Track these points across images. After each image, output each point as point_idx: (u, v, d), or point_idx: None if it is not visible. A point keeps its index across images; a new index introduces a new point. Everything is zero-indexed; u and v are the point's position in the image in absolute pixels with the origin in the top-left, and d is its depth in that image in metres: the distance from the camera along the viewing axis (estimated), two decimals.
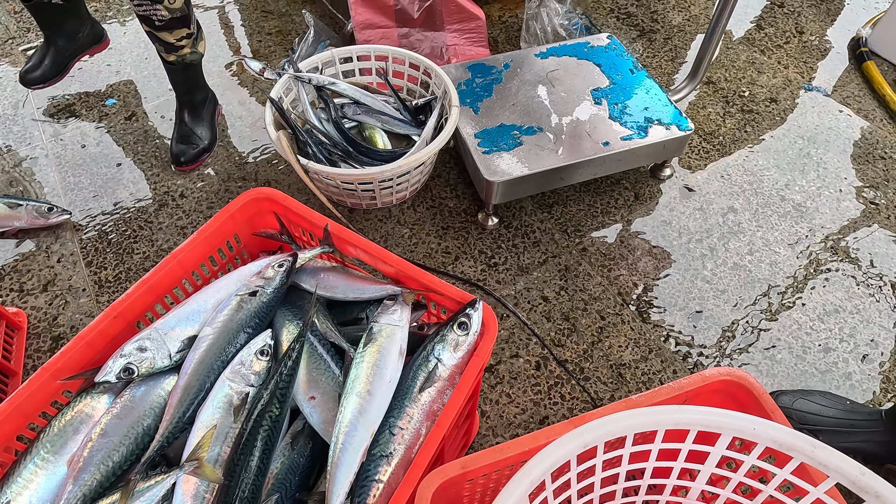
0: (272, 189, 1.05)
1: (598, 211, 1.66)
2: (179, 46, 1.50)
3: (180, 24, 1.45)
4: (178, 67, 1.57)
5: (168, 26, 1.43)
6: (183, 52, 1.52)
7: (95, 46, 1.93)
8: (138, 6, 1.38)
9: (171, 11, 1.40)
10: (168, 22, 1.42)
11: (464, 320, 0.89)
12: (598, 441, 0.73)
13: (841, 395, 1.28)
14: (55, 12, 1.73)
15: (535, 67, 1.75)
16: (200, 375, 0.89)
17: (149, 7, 1.37)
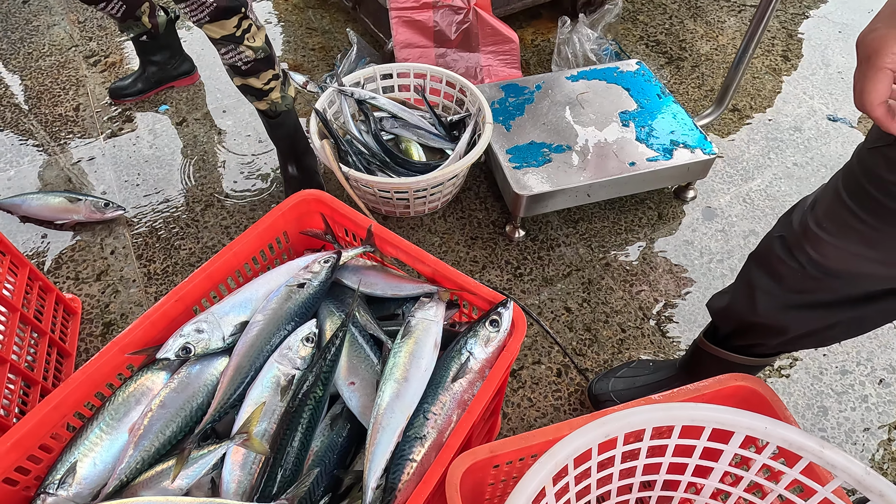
0: (321, 191, 1.14)
1: (622, 228, 1.72)
2: (269, 90, 1.50)
3: (265, 65, 1.46)
4: (275, 120, 1.58)
5: (254, 70, 1.44)
6: (272, 97, 1.52)
7: (182, 79, 2.08)
8: (225, 53, 1.41)
9: (254, 51, 1.40)
10: (254, 65, 1.42)
11: (495, 318, 0.95)
12: (619, 432, 0.79)
13: (643, 360, 1.38)
14: (148, 45, 1.93)
15: (565, 89, 1.83)
16: (251, 357, 0.97)
17: (233, 51, 1.39)
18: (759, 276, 0.97)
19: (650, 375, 1.31)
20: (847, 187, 0.79)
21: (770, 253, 0.94)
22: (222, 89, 2.08)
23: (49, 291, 1.41)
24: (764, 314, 0.97)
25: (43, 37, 2.28)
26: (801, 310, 0.93)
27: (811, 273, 0.87)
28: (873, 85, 0.58)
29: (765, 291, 0.96)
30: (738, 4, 2.50)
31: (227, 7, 1.28)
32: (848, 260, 0.82)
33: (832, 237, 0.82)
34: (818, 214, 0.85)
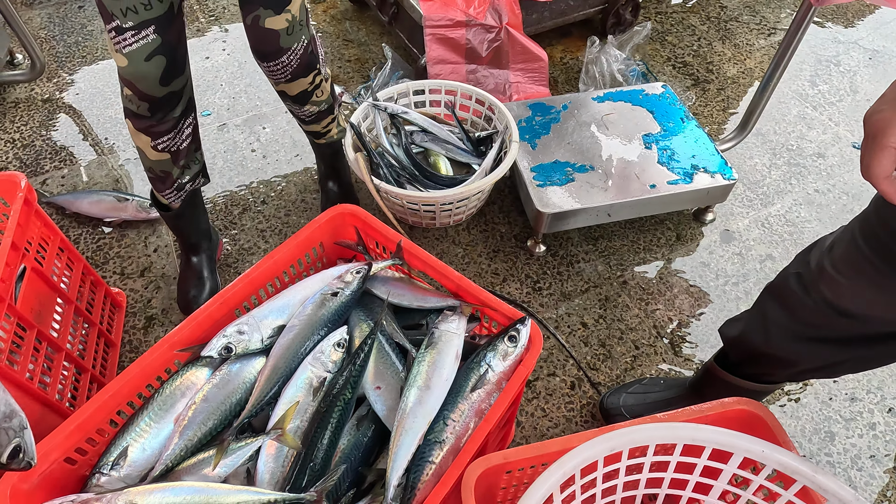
0: (356, 206, 1.22)
1: (640, 247, 1.77)
2: (326, 132, 1.60)
3: (328, 114, 1.53)
4: (325, 146, 1.67)
5: (316, 120, 1.52)
6: (330, 136, 1.62)
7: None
8: (291, 107, 1.47)
9: (318, 105, 1.46)
10: (316, 116, 1.50)
11: (513, 333, 1.02)
12: (624, 447, 0.85)
13: (654, 377, 1.43)
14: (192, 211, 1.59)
15: (591, 110, 1.89)
16: (287, 359, 1.05)
17: (299, 108, 1.46)
18: (774, 308, 1.02)
19: (660, 393, 1.36)
20: (863, 233, 0.84)
21: (786, 288, 0.99)
22: (262, 97, 2.18)
23: (99, 286, 1.52)
24: (776, 346, 1.01)
25: (97, 41, 2.41)
26: (812, 344, 0.97)
27: (825, 311, 0.92)
28: (878, 161, 0.62)
29: (778, 324, 1.00)
30: (768, 27, 2.52)
31: (307, 63, 1.33)
32: (861, 302, 0.87)
33: (847, 280, 0.87)
34: (835, 257, 0.89)
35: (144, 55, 1.11)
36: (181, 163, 1.36)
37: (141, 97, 1.18)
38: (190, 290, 1.56)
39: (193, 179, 1.43)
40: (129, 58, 1.11)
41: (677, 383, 1.37)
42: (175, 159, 1.33)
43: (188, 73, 1.24)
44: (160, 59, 1.12)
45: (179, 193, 1.42)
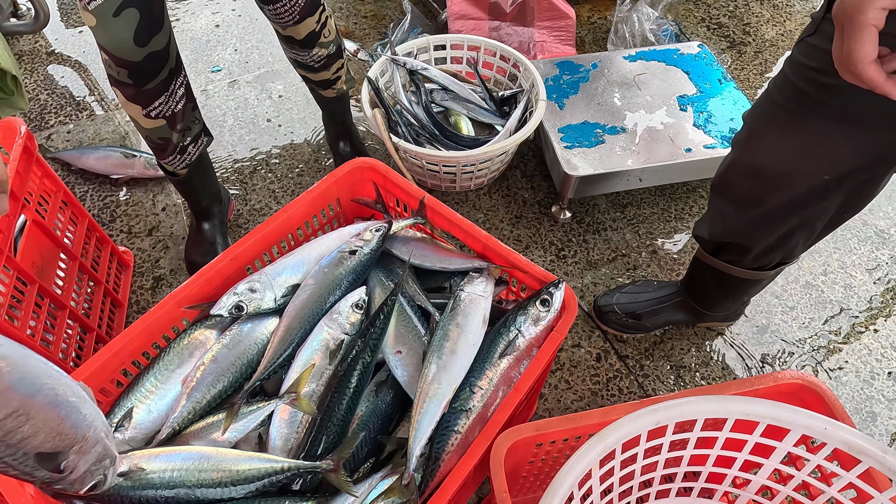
0: (375, 160, 1.13)
1: (671, 216, 1.68)
2: (336, 79, 1.47)
3: (337, 57, 1.41)
4: (335, 99, 1.55)
5: (325, 66, 1.40)
6: (340, 84, 1.50)
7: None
8: (295, 54, 1.36)
9: (326, 47, 1.35)
10: (326, 61, 1.39)
11: (546, 297, 0.94)
12: (671, 420, 0.77)
13: (648, 279, 1.50)
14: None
15: (622, 69, 1.77)
16: (301, 319, 0.98)
17: (305, 55, 1.35)
18: (719, 201, 1.09)
19: (653, 292, 1.40)
20: (774, 83, 0.89)
21: (723, 176, 1.06)
22: (274, 53, 2.08)
23: (105, 243, 1.45)
24: (732, 234, 1.09)
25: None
26: (755, 225, 1.03)
27: (753, 182, 0.97)
28: (860, 45, 0.56)
29: (726, 214, 1.07)
30: None
31: (313, 1, 1.24)
32: (774, 153, 0.91)
33: (760, 130, 0.93)
34: (750, 115, 0.97)
35: (112, 9, 0.98)
36: (179, 126, 1.26)
37: (118, 63, 1.07)
38: (200, 253, 1.49)
39: (195, 140, 1.34)
40: (96, 15, 0.99)
41: (669, 284, 1.41)
42: (171, 124, 1.24)
43: (168, 29, 1.11)
44: (132, 12, 1.00)
45: (183, 158, 1.33)
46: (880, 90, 0.57)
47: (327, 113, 1.65)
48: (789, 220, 0.99)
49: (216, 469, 0.83)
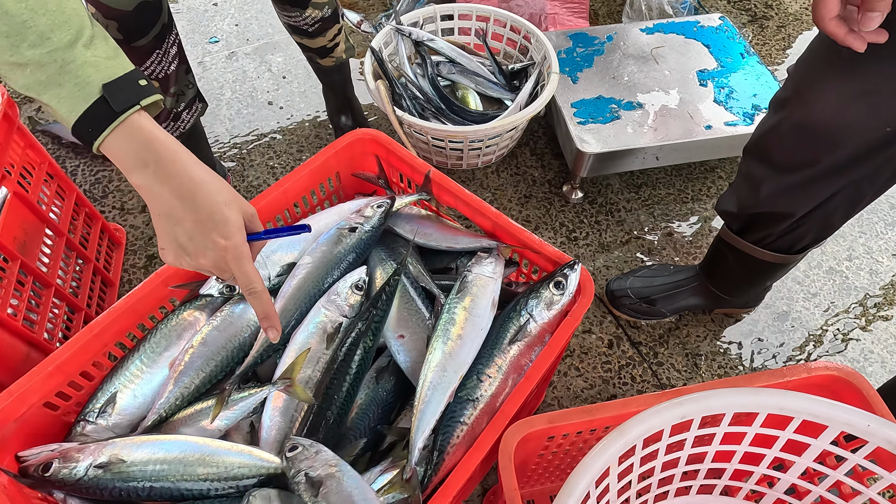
0: (378, 131, 1.06)
1: (688, 197, 1.60)
2: (334, 46, 1.39)
3: (332, 21, 1.33)
4: (334, 68, 1.47)
5: (321, 30, 1.32)
6: (338, 52, 1.42)
7: None
8: (288, 16, 1.29)
9: (320, 8, 1.27)
10: (321, 24, 1.30)
11: (560, 279, 0.88)
12: (697, 414, 0.71)
13: (664, 263, 1.43)
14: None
15: (639, 42, 1.68)
16: (297, 300, 0.92)
17: (298, 17, 1.27)
18: (755, 164, 1.00)
19: (669, 276, 1.34)
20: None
21: (761, 138, 0.98)
22: (274, 24, 1.99)
23: (95, 220, 1.39)
24: (768, 201, 1.00)
25: None
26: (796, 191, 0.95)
27: (800, 141, 0.89)
28: (824, 3, 0.66)
29: (763, 178, 0.99)
30: None
31: None
32: (829, 105, 0.83)
33: (812, 83, 0.85)
34: (798, 67, 0.88)
35: None
36: (172, 90, 1.19)
37: (107, 14, 0.99)
38: None
39: (189, 106, 1.27)
40: None
41: (687, 268, 1.35)
42: (164, 87, 1.17)
43: None
44: None
45: (177, 125, 1.26)
46: (842, 42, 0.67)
47: (327, 84, 1.57)
48: (836, 183, 0.91)
49: (203, 463, 0.77)
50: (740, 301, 1.33)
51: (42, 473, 0.76)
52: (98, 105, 0.57)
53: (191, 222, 0.61)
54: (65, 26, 0.56)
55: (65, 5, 0.57)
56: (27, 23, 0.54)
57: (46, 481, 0.78)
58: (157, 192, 0.60)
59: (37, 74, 0.55)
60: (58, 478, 0.76)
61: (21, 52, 0.54)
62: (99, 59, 0.58)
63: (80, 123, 0.57)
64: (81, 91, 0.57)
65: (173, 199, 0.60)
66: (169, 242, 0.63)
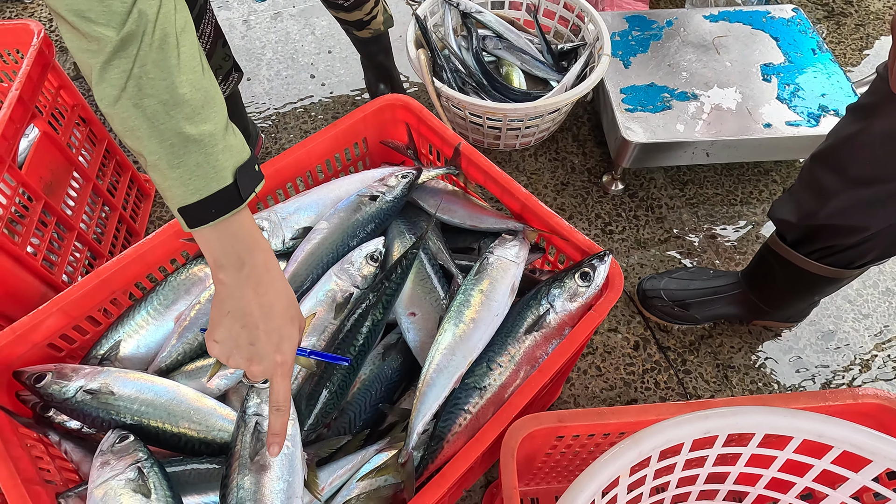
0: (410, 98, 1.01)
1: (736, 199, 1.50)
2: (371, 18, 1.34)
3: None
4: (371, 39, 1.42)
5: (356, 4, 1.28)
6: (375, 24, 1.37)
7: None
8: None
9: None
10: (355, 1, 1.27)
11: (587, 270, 0.81)
12: (723, 431, 0.64)
13: (703, 266, 1.33)
14: None
15: (701, 30, 1.57)
16: (309, 266, 0.88)
17: None
18: (825, 174, 0.91)
19: (708, 280, 1.25)
20: None
21: (837, 148, 0.89)
22: None
23: (125, 169, 1.39)
24: (836, 214, 0.91)
25: None
26: (876, 204, 0.86)
27: (886, 154, 0.80)
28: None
29: (831, 192, 0.90)
30: None
31: None
32: None
33: None
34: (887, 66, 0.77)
35: None
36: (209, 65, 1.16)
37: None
38: None
39: (226, 79, 1.25)
40: None
41: (727, 274, 1.26)
42: None
43: None
44: None
45: None
46: None
47: (364, 54, 1.53)
48: None
49: (187, 417, 0.75)
50: (782, 315, 1.23)
51: (34, 384, 0.75)
52: (228, 190, 0.56)
53: (262, 332, 0.61)
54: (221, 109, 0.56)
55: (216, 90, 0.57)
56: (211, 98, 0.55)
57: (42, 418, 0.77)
58: (241, 293, 0.59)
59: (177, 148, 0.53)
60: (48, 391, 0.75)
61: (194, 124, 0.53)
62: (236, 144, 0.57)
63: (203, 204, 0.55)
64: (217, 174, 0.55)
65: (254, 306, 0.60)
66: (227, 339, 0.62)
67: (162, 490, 0.69)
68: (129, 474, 0.69)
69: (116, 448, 0.71)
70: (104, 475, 0.69)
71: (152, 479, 0.69)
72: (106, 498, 0.68)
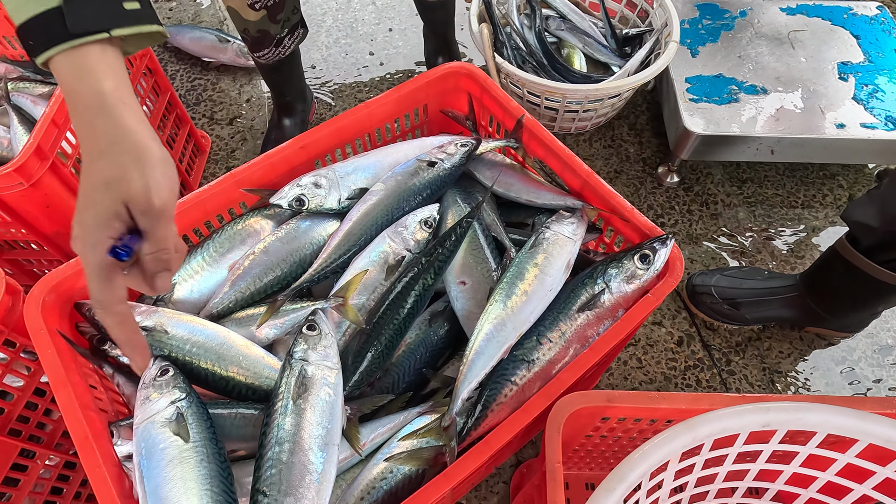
0: (475, 67, 0.99)
1: (797, 202, 1.44)
2: None
3: None
4: (438, 4, 1.42)
5: None
6: None
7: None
8: None
9: None
10: None
11: (647, 252, 0.79)
12: (784, 425, 0.62)
13: (759, 268, 1.27)
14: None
15: (776, 22, 1.51)
16: (364, 226, 0.88)
17: None
18: None
19: (763, 281, 1.21)
20: None
21: None
22: None
23: (184, 123, 1.41)
24: None
25: None
26: None
27: None
28: None
29: None
30: None
31: None
32: None
33: None
34: None
35: None
36: (279, 17, 1.17)
37: None
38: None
39: (292, 32, 1.25)
40: None
41: (784, 276, 1.21)
42: (272, 15, 1.15)
43: None
44: None
45: (278, 51, 1.24)
46: None
47: (428, 21, 1.51)
48: None
49: (235, 362, 0.77)
50: (840, 323, 1.18)
51: (94, 316, 0.77)
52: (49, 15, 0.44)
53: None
54: None
55: None
56: None
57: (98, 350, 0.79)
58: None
59: None
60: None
61: None
62: None
63: (22, 30, 0.45)
64: None
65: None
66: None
67: (200, 433, 0.69)
68: (167, 413, 0.70)
69: (157, 382, 0.72)
70: (145, 413, 0.70)
71: (191, 421, 0.70)
72: (147, 437, 0.69)
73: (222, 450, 0.71)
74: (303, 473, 0.67)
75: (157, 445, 0.68)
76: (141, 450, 0.68)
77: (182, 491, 0.65)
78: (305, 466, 0.68)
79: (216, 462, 0.68)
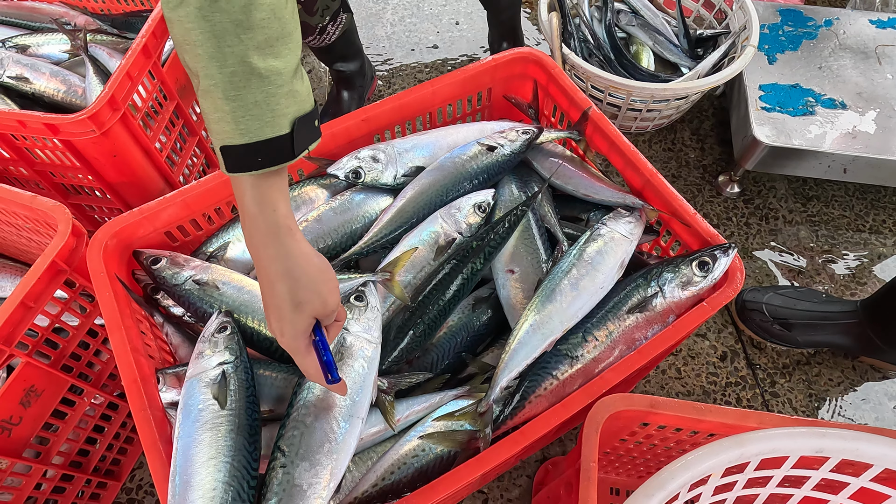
0: (544, 53, 0.97)
1: (864, 225, 1.37)
2: None
3: None
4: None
5: None
6: None
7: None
8: None
9: None
10: None
11: (707, 260, 0.76)
12: (837, 454, 0.59)
13: (816, 289, 1.22)
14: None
15: (863, 34, 1.43)
16: (417, 204, 0.88)
17: None
18: None
19: (818, 304, 1.16)
20: None
21: None
22: None
23: None
24: None
25: None
26: None
27: None
28: None
29: None
30: None
31: None
32: None
33: None
34: None
35: None
36: (315, 7, 1.14)
37: None
38: None
39: (334, 19, 1.22)
40: None
41: (844, 301, 1.16)
42: (309, 8, 1.12)
43: None
44: None
45: (322, 38, 1.23)
46: None
47: (493, 8, 1.48)
48: None
49: None
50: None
51: (151, 265, 0.80)
52: (282, 140, 0.50)
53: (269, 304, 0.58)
54: (296, 49, 0.49)
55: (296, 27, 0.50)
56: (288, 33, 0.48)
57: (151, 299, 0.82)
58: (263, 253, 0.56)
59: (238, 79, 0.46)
60: (161, 275, 0.80)
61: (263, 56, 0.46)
62: (302, 91, 0.50)
63: (250, 149, 0.49)
64: (274, 119, 0.48)
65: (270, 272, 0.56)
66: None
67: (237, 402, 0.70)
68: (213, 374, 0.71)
69: (214, 339, 0.74)
70: (195, 368, 0.72)
71: (233, 386, 0.71)
72: (190, 394, 0.70)
73: (256, 421, 0.71)
74: (322, 440, 0.68)
75: (195, 405, 0.69)
76: (183, 404, 0.70)
77: (206, 457, 0.66)
78: (326, 434, 0.68)
79: (244, 435, 0.69)
